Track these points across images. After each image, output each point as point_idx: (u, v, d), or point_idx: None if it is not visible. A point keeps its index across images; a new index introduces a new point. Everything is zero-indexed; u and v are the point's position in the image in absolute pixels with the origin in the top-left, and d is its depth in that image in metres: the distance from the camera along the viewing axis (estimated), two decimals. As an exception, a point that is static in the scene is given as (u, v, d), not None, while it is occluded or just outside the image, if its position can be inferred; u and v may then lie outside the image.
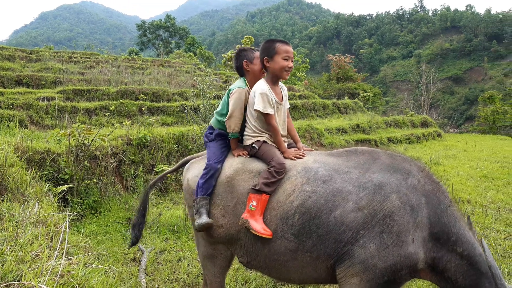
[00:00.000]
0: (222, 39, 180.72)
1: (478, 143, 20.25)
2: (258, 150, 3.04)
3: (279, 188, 2.83)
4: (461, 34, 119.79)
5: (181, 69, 23.79)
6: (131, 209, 6.36)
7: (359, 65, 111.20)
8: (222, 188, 2.98)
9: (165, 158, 8.07)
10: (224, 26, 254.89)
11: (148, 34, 68.09)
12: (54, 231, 3.29)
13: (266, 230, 2.74)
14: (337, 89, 36.24)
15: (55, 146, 6.61)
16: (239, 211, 2.89)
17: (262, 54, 3.10)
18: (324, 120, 17.92)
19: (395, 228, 2.60)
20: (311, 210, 2.70)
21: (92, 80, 15.75)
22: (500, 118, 35.21)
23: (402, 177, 2.79)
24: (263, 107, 2.98)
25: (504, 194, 8.38)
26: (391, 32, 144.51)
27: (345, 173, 2.82)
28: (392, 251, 2.58)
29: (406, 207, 2.65)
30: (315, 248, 2.71)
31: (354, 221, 2.64)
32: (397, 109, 41.90)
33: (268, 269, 2.95)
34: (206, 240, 3.09)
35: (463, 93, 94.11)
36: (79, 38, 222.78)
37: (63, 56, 22.12)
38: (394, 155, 2.99)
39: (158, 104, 13.36)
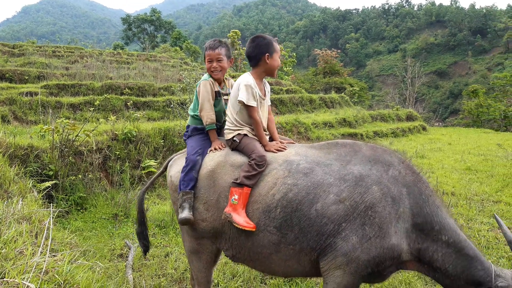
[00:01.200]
0: (208, 33, 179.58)
1: (462, 137, 20.57)
2: (239, 144, 3.04)
3: (260, 181, 2.84)
4: (445, 29, 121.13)
5: (167, 63, 23.61)
6: (117, 204, 6.31)
7: (346, 60, 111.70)
8: (204, 182, 2.98)
9: (152, 153, 8.02)
10: (210, 20, 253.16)
11: (133, 28, 67.33)
12: (38, 228, 3.24)
13: (249, 223, 2.74)
14: (324, 84, 36.38)
15: (39, 141, 6.52)
16: (222, 205, 2.89)
17: (263, 50, 3.08)
18: (311, 115, 17.99)
19: (376, 219, 2.61)
20: (292, 202, 2.71)
21: (77, 74, 15.54)
22: (484, 112, 35.75)
23: (383, 169, 2.80)
24: (246, 99, 2.98)
25: (488, 186, 8.53)
26: (377, 26, 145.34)
27: (327, 165, 2.83)
28: (374, 243, 2.59)
29: (387, 198, 2.67)
30: (298, 241, 2.72)
31: (335, 214, 2.65)
32: (383, 103, 42.32)
33: (253, 262, 2.96)
34: (191, 235, 3.09)
35: (447, 87, 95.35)
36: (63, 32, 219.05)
37: (46, 50, 21.77)
38: (376, 147, 3.01)
39: (144, 98, 13.24)
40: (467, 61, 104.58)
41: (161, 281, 4.17)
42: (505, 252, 4.99)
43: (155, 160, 7.78)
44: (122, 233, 5.56)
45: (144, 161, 7.58)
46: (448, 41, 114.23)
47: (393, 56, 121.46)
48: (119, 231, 5.61)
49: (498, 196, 7.67)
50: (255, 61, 3.13)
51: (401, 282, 4.24)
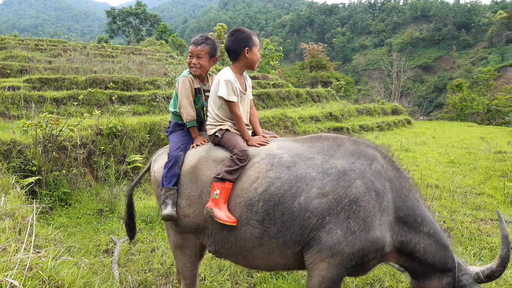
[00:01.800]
0: (194, 27, 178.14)
1: (446, 130, 20.87)
2: (221, 139, 3.04)
3: (243, 175, 2.84)
4: (431, 23, 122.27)
5: (152, 57, 23.38)
6: (102, 200, 6.26)
7: (332, 54, 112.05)
8: (187, 177, 2.98)
9: (137, 148, 7.95)
10: (196, 13, 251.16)
11: (118, 21, 66.38)
12: (22, 224, 3.20)
13: (230, 218, 2.75)
14: (311, 78, 36.46)
15: (22, 137, 6.41)
16: (204, 200, 2.89)
17: (242, 44, 3.07)
18: (298, 109, 18.03)
19: (361, 213, 2.64)
20: (275, 196, 2.72)
21: (60, 68, 15.29)
22: (468, 106, 36.31)
23: (367, 163, 2.83)
24: (227, 94, 2.97)
25: (471, 179, 8.68)
26: (363, 21, 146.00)
27: (309, 159, 2.84)
28: (359, 236, 2.63)
29: (371, 192, 2.70)
30: (281, 234, 2.73)
31: (319, 207, 2.66)
32: (368, 97, 42.63)
33: (236, 256, 2.97)
34: (175, 231, 3.10)
35: (432, 81, 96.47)
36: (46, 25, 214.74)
37: (29, 43, 21.37)
38: (358, 141, 3.04)
39: (129, 93, 13.09)
40: (452, 56, 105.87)
41: (147, 276, 4.15)
42: (487, 243, 5.10)
43: (140, 155, 7.72)
44: (108, 228, 5.52)
45: (130, 156, 7.51)
46: (433, 36, 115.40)
47: (379, 51, 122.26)
48: (105, 227, 5.57)
49: (480, 189, 7.81)
50: (234, 55, 3.12)
51: (386, 273, 4.31)
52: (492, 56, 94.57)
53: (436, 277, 2.85)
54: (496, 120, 32.45)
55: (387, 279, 4.20)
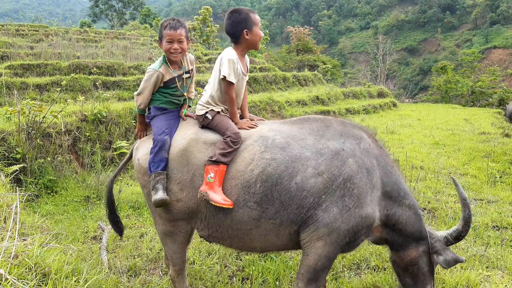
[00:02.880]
0: (179, 10, 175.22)
1: (431, 112, 21.09)
2: (212, 121, 3.01)
3: (237, 157, 2.84)
4: (416, 6, 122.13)
5: (136, 41, 23.00)
6: (89, 187, 6.21)
7: (318, 37, 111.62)
8: (177, 161, 2.92)
9: (123, 134, 7.88)
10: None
11: (100, 4, 64.85)
12: (7, 212, 3.17)
13: (227, 200, 2.74)
14: (297, 61, 36.31)
15: (5, 124, 6.30)
16: (197, 184, 2.86)
17: (241, 26, 3.02)
18: (285, 93, 18.00)
19: (355, 191, 2.74)
20: (272, 177, 2.75)
21: (42, 54, 14.92)
22: (452, 88, 36.61)
23: (355, 142, 2.93)
24: (228, 74, 2.94)
25: (455, 160, 8.83)
26: (349, 3, 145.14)
27: (301, 139, 2.89)
28: (354, 212, 2.72)
29: (363, 170, 2.80)
30: (278, 214, 2.77)
31: (315, 186, 2.72)
32: (355, 81, 42.69)
33: (231, 239, 2.96)
34: (165, 218, 3.03)
35: (417, 64, 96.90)
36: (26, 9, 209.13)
37: (9, 29, 20.80)
38: (345, 122, 3.13)
39: (113, 78, 12.88)
40: (437, 38, 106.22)
41: (136, 262, 4.17)
42: (470, 222, 5.21)
43: (126, 141, 7.65)
44: (95, 215, 5.49)
45: (116, 142, 7.45)
46: (418, 18, 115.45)
47: (365, 33, 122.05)
48: (92, 214, 5.54)
49: (465, 169, 7.96)
50: (234, 38, 3.09)
51: (372, 253, 4.39)
52: (476, 38, 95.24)
53: (413, 246, 3.04)
54: (480, 102, 32.81)
55: (373, 259, 4.28)
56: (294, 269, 4.02)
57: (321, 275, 2.85)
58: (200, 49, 25.20)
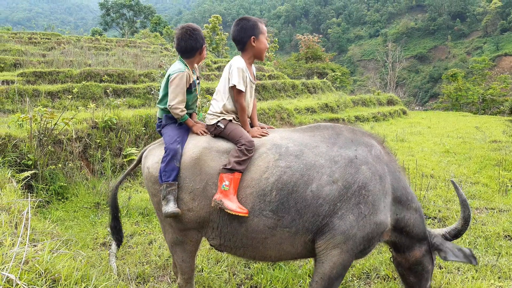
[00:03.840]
0: (189, 18, 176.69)
1: (441, 120, 20.93)
2: (224, 129, 3.00)
3: (251, 165, 2.83)
4: (425, 13, 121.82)
5: (147, 49, 23.23)
6: (99, 193, 6.26)
7: (327, 45, 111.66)
8: (189, 170, 2.87)
9: (133, 141, 7.94)
10: (191, 5, 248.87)
11: (111, 13, 65.74)
12: (18, 218, 3.20)
13: (242, 209, 2.72)
14: (306, 69, 36.35)
15: (17, 131, 6.38)
16: (209, 193, 2.83)
17: (248, 33, 3.04)
18: (294, 100, 18.01)
19: (370, 198, 2.76)
20: (288, 185, 2.74)
21: (54, 62, 15.16)
22: (463, 95, 36.38)
23: (367, 149, 2.95)
24: (237, 82, 2.95)
25: (466, 168, 8.73)
26: (358, 11, 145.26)
27: (314, 147, 2.89)
28: (369, 220, 2.75)
29: (376, 176, 2.83)
30: (294, 223, 2.76)
31: (330, 194, 2.73)
32: (364, 88, 42.63)
33: (244, 249, 2.93)
34: (175, 227, 2.98)
35: (427, 71, 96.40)
36: (39, 18, 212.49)
37: (22, 37, 21.18)
38: (354, 129, 3.15)
39: (124, 85, 13.02)
40: (447, 45, 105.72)
41: (145, 268, 4.17)
42: (482, 232, 5.15)
43: (136, 148, 7.70)
44: (105, 221, 5.52)
45: (126, 149, 7.50)
46: (428, 26, 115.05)
47: (374, 41, 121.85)
48: (102, 220, 5.57)
49: (476, 178, 7.86)
50: (241, 45, 3.10)
51: (382, 262, 4.34)
52: (487, 45, 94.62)
53: (417, 246, 3.10)
54: (491, 109, 32.53)
55: (383, 268, 4.24)
56: (303, 278, 3.99)
57: (336, 284, 2.83)
58: (209, 56, 25.39)
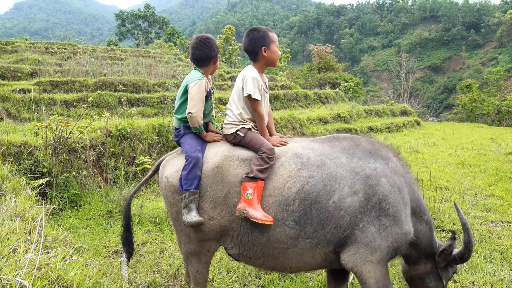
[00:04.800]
0: (202, 29, 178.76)
1: (456, 131, 20.67)
2: (244, 138, 2.99)
3: (273, 174, 2.82)
4: (439, 24, 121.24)
5: (161, 59, 23.51)
6: (111, 201, 6.30)
7: (340, 55, 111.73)
8: (210, 178, 2.84)
9: (146, 149, 8.00)
10: (204, 16, 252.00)
11: (127, 24, 66.90)
12: (32, 225, 3.23)
13: (267, 217, 2.71)
14: (319, 79, 36.36)
15: (32, 139, 6.49)
16: (231, 201, 2.81)
17: (259, 43, 3.07)
18: (306, 110, 18.01)
19: (390, 210, 2.78)
20: (310, 195, 2.73)
21: (70, 71, 15.42)
22: (478, 106, 35.93)
23: (384, 162, 2.96)
24: (253, 92, 2.95)
25: (481, 180, 8.59)
26: (371, 21, 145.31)
27: (335, 158, 2.90)
28: (391, 230, 2.77)
29: (395, 188, 2.84)
30: (316, 234, 2.75)
31: (351, 206, 2.74)
32: (377, 99, 42.45)
33: (264, 259, 2.90)
34: (194, 237, 2.92)
35: (441, 82, 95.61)
36: (56, 28, 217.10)
37: (39, 47, 21.62)
38: (372, 141, 3.16)
39: (138, 95, 13.18)
40: (461, 56, 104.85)
41: (156, 277, 4.17)
42: (498, 245, 5.04)
43: (149, 156, 7.76)
44: (117, 229, 5.55)
45: (139, 158, 7.56)
46: (442, 36, 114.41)
47: (387, 51, 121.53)
48: (114, 228, 5.60)
49: (491, 190, 7.73)
50: (253, 55, 3.12)
51: (395, 276, 4.28)
52: (502, 56, 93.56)
53: (422, 262, 3.10)
54: (506, 121, 32.05)
55: (396, 281, 4.17)
56: (314, 289, 3.95)
57: None
58: (222, 67, 25.56)
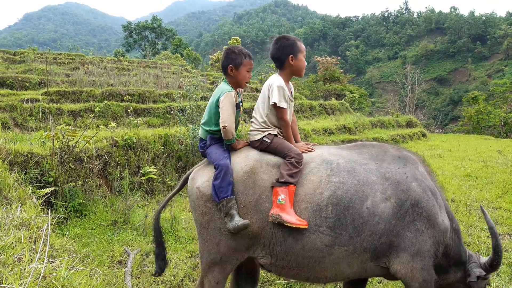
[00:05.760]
0: (209, 40, 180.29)
1: (462, 143, 20.55)
2: (271, 144, 3.00)
3: (303, 180, 2.81)
4: (445, 36, 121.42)
5: (167, 70, 23.67)
6: (116, 211, 6.30)
7: (346, 67, 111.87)
8: (242, 184, 2.84)
9: (151, 159, 8.02)
10: (211, 27, 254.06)
11: (134, 35, 67.64)
12: (37, 234, 3.24)
13: (302, 221, 2.69)
14: (324, 90, 36.41)
15: (39, 148, 6.53)
16: (262, 206, 2.79)
17: (287, 51, 3.08)
18: (311, 121, 18.00)
19: (424, 213, 2.78)
20: (343, 200, 2.71)
21: (77, 81, 15.56)
22: (484, 118, 35.74)
23: (414, 166, 2.97)
24: (278, 100, 2.98)
25: (488, 192, 8.52)
26: (376, 33, 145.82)
27: (364, 164, 2.90)
28: (427, 233, 2.77)
29: (428, 192, 2.85)
30: (352, 241, 2.71)
31: (385, 212, 2.73)
32: (383, 110, 42.29)
33: (298, 269, 2.84)
34: (224, 245, 2.88)
35: (447, 94, 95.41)
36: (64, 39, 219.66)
37: (47, 57, 21.85)
38: (399, 147, 3.20)
39: (144, 105, 13.25)
40: (467, 68, 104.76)
41: (159, 288, 4.15)
42: (505, 259, 4.98)
43: (155, 166, 7.78)
44: (121, 239, 5.55)
45: (144, 168, 7.58)
46: (448, 48, 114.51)
47: (393, 63, 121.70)
48: (118, 238, 5.60)
49: (498, 203, 7.66)
50: (280, 63, 3.14)
51: (395, 284, 4.23)
52: (508, 68, 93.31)
53: (452, 271, 3.08)
54: (513, 133, 31.85)
55: None
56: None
57: None
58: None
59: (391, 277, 2.94)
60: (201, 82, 19.29)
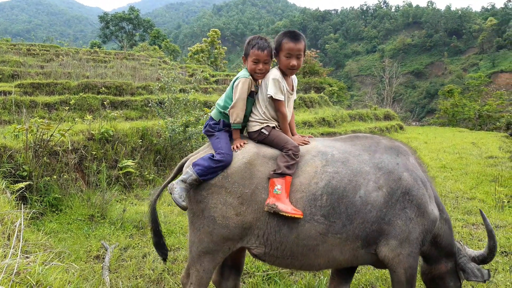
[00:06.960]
0: (188, 32, 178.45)
1: (438, 135, 21.01)
2: (269, 136, 3.05)
3: (299, 171, 2.88)
4: (422, 30, 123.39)
5: (145, 62, 23.37)
6: (93, 205, 6.21)
7: (325, 60, 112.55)
8: (239, 175, 2.85)
9: (129, 153, 7.92)
10: (190, 19, 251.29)
11: (111, 26, 66.27)
12: (11, 230, 3.17)
13: (297, 210, 2.74)
14: (304, 84, 36.49)
15: (13, 142, 6.36)
16: (258, 197, 2.83)
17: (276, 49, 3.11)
18: (291, 114, 18.03)
19: (414, 202, 2.88)
20: (337, 189, 2.80)
21: (52, 73, 15.21)
22: (459, 111, 36.61)
23: (405, 157, 3.07)
24: (274, 93, 3.01)
25: (462, 183, 8.74)
26: (355, 27, 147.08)
27: (358, 155, 2.99)
28: (417, 222, 2.87)
29: (418, 181, 2.94)
30: (345, 229, 2.80)
31: (377, 200, 2.82)
32: (361, 103, 42.73)
33: (293, 258, 2.89)
34: (216, 234, 2.88)
35: (424, 87, 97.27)
36: (38, 30, 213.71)
37: (21, 48, 21.30)
38: (391, 139, 3.29)
39: (121, 98, 13.05)
40: (443, 62, 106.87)
41: (138, 282, 4.12)
42: (479, 248, 5.13)
43: (132, 160, 7.69)
44: (99, 234, 5.47)
45: (122, 161, 7.48)
46: (425, 42, 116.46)
47: (371, 57, 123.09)
48: (96, 233, 5.52)
49: (472, 193, 7.87)
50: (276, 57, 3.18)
51: (378, 278, 4.31)
52: (483, 62, 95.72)
53: (443, 261, 3.18)
54: (487, 125, 32.71)
55: (379, 284, 4.20)
56: (298, 293, 3.95)
57: (413, 283, 2.96)
58: (208, 70, 25.50)
59: (380, 264, 3.03)
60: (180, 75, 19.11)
